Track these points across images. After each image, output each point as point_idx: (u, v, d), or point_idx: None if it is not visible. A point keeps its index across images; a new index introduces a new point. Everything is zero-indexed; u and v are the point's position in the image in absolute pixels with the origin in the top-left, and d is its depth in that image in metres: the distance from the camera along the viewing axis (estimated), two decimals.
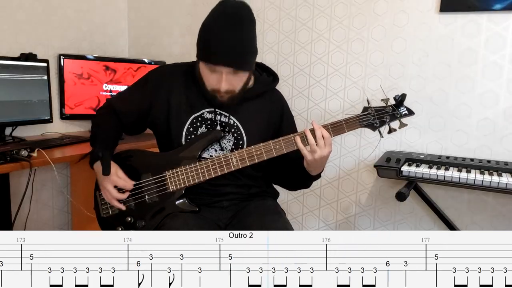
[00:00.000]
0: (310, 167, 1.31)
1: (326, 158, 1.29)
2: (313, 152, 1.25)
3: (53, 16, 2.21)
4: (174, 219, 1.34)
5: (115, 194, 1.35)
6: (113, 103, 1.50)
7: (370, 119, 1.28)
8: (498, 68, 1.78)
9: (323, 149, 1.25)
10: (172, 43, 2.54)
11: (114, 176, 1.35)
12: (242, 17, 1.25)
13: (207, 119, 1.40)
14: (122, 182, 1.35)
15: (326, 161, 1.32)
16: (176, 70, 1.45)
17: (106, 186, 1.35)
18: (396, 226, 2.06)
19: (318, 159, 1.25)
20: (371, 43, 2.01)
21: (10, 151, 1.49)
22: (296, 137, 1.27)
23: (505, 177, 1.55)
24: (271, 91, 1.46)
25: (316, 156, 1.25)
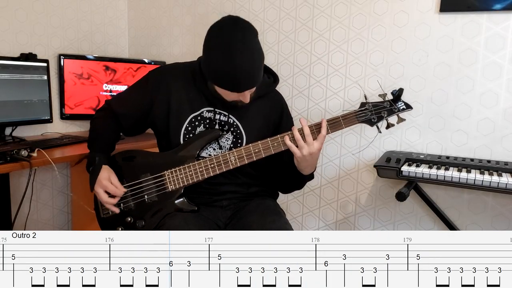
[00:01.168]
0: (300, 164, 1.32)
1: (316, 155, 1.29)
2: (301, 148, 1.25)
3: (53, 16, 2.21)
4: (174, 218, 1.34)
5: (105, 199, 1.37)
6: (112, 105, 1.50)
7: (367, 115, 1.28)
8: (498, 68, 1.78)
9: (311, 146, 1.25)
10: (172, 43, 2.54)
11: (105, 181, 1.36)
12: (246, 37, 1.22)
13: (206, 118, 1.40)
14: (113, 188, 1.37)
15: (317, 160, 1.33)
16: (175, 70, 1.46)
17: (97, 190, 1.38)
18: (396, 226, 2.06)
19: (307, 155, 1.26)
20: (371, 43, 2.01)
21: (10, 151, 1.49)
22: (285, 136, 1.28)
23: (505, 177, 1.55)
24: (271, 92, 1.47)
25: (305, 152, 1.25)
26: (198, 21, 2.43)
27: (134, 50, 2.66)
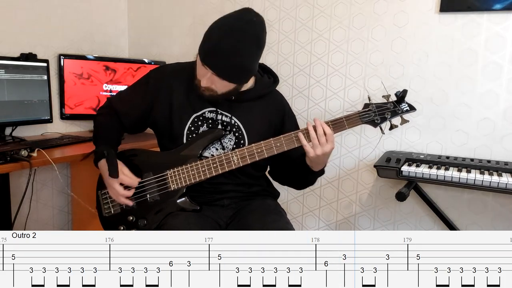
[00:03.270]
0: (312, 163, 1.32)
1: (329, 154, 1.29)
2: (315, 147, 1.25)
3: (53, 16, 2.21)
4: (175, 218, 1.34)
5: (121, 191, 1.36)
6: (114, 103, 1.50)
7: (371, 116, 1.28)
8: (498, 68, 1.78)
9: (325, 146, 1.25)
10: (172, 43, 2.54)
11: (120, 174, 1.35)
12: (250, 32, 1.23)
13: (208, 118, 1.40)
14: (128, 180, 1.36)
15: (328, 157, 1.33)
16: (177, 69, 1.46)
17: (112, 184, 1.36)
18: (396, 226, 2.06)
19: (320, 155, 1.26)
20: (371, 43, 2.01)
21: (10, 151, 1.49)
22: (299, 133, 1.27)
23: (505, 177, 1.55)
24: (272, 93, 1.47)
25: (319, 152, 1.25)
26: (198, 21, 2.43)
27: (134, 50, 2.66)
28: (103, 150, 1.39)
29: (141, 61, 2.44)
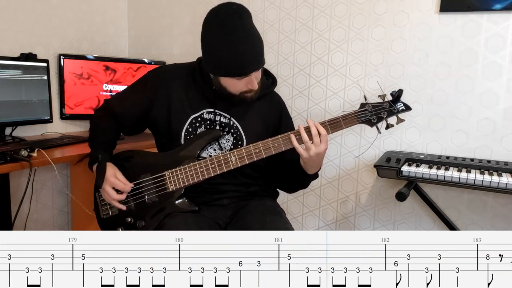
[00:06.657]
0: (306, 165, 1.32)
1: (323, 155, 1.29)
2: (308, 149, 1.25)
3: (53, 16, 2.21)
4: (174, 218, 1.34)
5: (114, 196, 1.36)
6: (111, 104, 1.50)
7: (367, 115, 1.29)
8: (498, 68, 1.78)
9: (318, 147, 1.25)
10: (172, 43, 2.54)
11: (112, 178, 1.35)
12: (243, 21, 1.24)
13: (206, 119, 1.40)
14: (121, 185, 1.36)
15: (322, 159, 1.33)
16: (175, 70, 1.46)
17: (105, 187, 1.36)
18: (396, 226, 2.06)
19: (313, 156, 1.25)
20: (371, 43, 2.01)
21: (10, 151, 1.49)
22: (291, 135, 1.27)
23: (505, 177, 1.55)
24: (269, 94, 1.47)
25: (312, 153, 1.25)
26: (198, 21, 2.42)
27: (134, 50, 2.66)
28: (97, 154, 1.39)
29: (141, 61, 2.44)
